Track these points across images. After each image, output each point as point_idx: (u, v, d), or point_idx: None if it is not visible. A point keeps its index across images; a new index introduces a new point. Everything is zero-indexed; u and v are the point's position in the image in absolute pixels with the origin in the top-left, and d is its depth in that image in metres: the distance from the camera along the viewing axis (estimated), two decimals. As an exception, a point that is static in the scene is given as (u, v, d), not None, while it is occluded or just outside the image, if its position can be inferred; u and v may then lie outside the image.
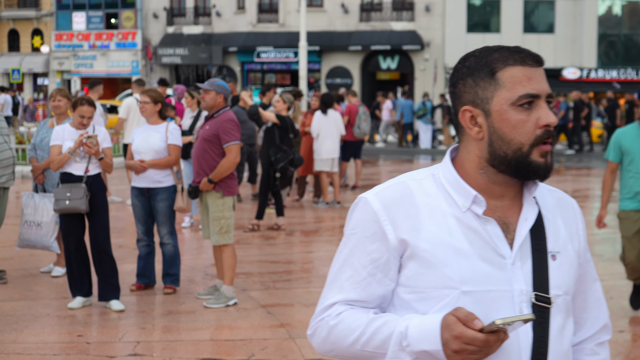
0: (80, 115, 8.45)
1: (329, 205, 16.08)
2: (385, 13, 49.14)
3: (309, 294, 9.07)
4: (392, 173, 23.98)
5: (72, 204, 8.26)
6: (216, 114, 8.71)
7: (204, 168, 8.55)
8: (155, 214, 8.99)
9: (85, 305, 8.43)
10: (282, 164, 13.14)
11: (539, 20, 49.05)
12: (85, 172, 8.43)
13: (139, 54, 53.80)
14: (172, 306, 8.53)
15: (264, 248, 11.91)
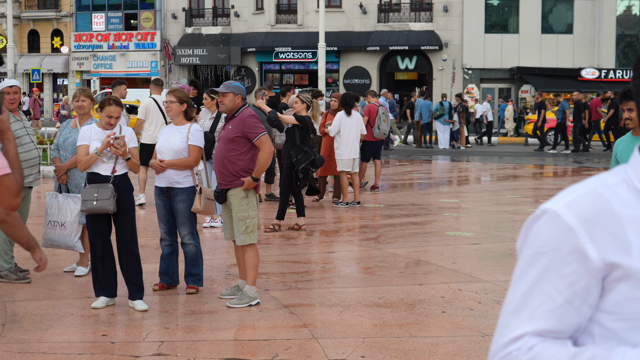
0: (108, 115, 8.51)
1: (348, 206, 16.10)
2: (403, 13, 49.11)
3: (331, 294, 9.09)
4: (411, 173, 23.98)
5: (99, 204, 8.31)
6: (236, 113, 8.75)
7: (229, 169, 8.58)
8: (175, 214, 9.03)
9: (109, 305, 8.49)
10: (303, 165, 13.18)
11: (557, 21, 48.90)
12: (112, 172, 8.48)
13: (158, 55, 53.97)
14: (195, 306, 8.57)
15: (284, 248, 11.95)
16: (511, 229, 13.92)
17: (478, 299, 8.91)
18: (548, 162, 28.38)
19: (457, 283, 9.65)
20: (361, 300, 8.83)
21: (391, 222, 14.45)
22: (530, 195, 18.40)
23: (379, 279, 9.91)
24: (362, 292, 9.25)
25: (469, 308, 8.52)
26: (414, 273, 10.27)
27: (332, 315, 8.21)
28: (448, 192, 19.37)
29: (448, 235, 13.02)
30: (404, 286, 9.51)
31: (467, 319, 8.09)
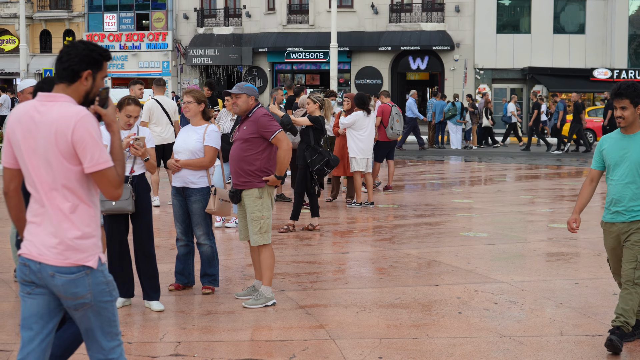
0: (127, 115, 8.52)
1: (362, 206, 16.08)
2: (415, 13, 49.08)
3: (347, 294, 9.08)
4: (423, 174, 23.95)
5: (118, 205, 8.32)
6: (250, 114, 8.75)
7: (245, 169, 8.57)
8: (191, 214, 9.03)
9: (125, 305, 8.50)
10: (318, 166, 13.18)
11: (569, 21, 48.81)
12: (130, 172, 8.49)
13: (170, 55, 54.05)
14: (211, 306, 8.57)
15: (299, 248, 11.94)
16: (525, 230, 13.88)
17: (494, 299, 8.89)
18: (562, 163, 28.30)
19: (473, 284, 9.63)
20: (377, 301, 8.82)
21: (405, 222, 14.43)
22: (544, 196, 18.35)
23: (394, 279, 9.89)
24: (377, 292, 9.24)
25: (486, 309, 8.50)
26: (429, 274, 10.25)
27: (349, 315, 8.20)
28: (461, 193, 19.34)
29: (462, 235, 12.99)
30: (420, 287, 9.49)
31: (484, 320, 8.07)
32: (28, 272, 4.55)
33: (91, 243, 4.55)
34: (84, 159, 4.45)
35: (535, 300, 8.87)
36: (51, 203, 4.51)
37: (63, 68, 4.54)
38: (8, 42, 59.52)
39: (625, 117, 7.17)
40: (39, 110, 4.52)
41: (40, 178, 4.51)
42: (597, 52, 48.11)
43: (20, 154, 4.57)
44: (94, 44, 4.63)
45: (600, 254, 11.58)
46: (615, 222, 7.44)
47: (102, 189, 4.53)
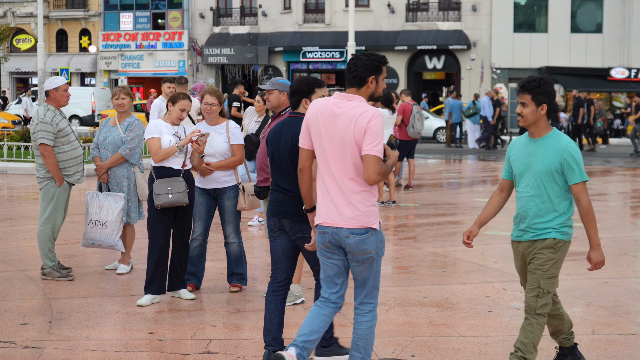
0: (181, 109, 8.58)
1: (384, 205, 16.04)
2: (431, 13, 49.00)
3: (374, 293, 9.03)
4: (442, 173, 23.89)
5: (175, 197, 8.43)
6: (283, 112, 8.69)
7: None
8: (222, 213, 9.01)
9: (154, 303, 8.48)
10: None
11: (587, 20, 48.60)
12: (182, 166, 8.55)
13: (186, 54, 54.10)
14: (239, 304, 8.53)
15: (324, 247, 11.90)
16: (550, 229, 13.81)
17: (523, 298, 8.81)
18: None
19: (501, 282, 9.57)
20: (406, 300, 8.76)
21: (428, 221, 14.37)
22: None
23: (421, 278, 9.85)
24: (405, 291, 9.18)
25: (516, 307, 8.44)
26: (456, 272, 10.20)
27: (379, 313, 8.12)
28: (482, 192, 19.26)
29: (486, 234, 12.93)
30: (448, 285, 9.44)
31: (515, 319, 8.01)
32: (327, 237, 5.73)
33: (374, 210, 5.67)
34: (366, 144, 5.47)
35: (565, 299, 8.80)
36: (342, 180, 5.59)
37: (352, 77, 5.70)
38: (24, 42, 59.69)
39: (524, 116, 6.13)
40: (338, 106, 5.66)
41: (334, 158, 5.62)
42: (615, 51, 47.91)
43: (319, 138, 5.71)
44: (374, 54, 5.72)
45: (627, 252, 11.53)
46: (520, 241, 6.62)
47: (365, 171, 5.47)
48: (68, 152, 9.42)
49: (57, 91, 9.48)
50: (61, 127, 9.35)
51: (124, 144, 9.66)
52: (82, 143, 11.47)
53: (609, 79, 46.85)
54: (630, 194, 19.23)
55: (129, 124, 9.77)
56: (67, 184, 9.51)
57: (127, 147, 9.67)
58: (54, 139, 9.28)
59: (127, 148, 9.67)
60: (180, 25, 54.91)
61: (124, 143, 9.66)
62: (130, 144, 9.69)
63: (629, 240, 12.76)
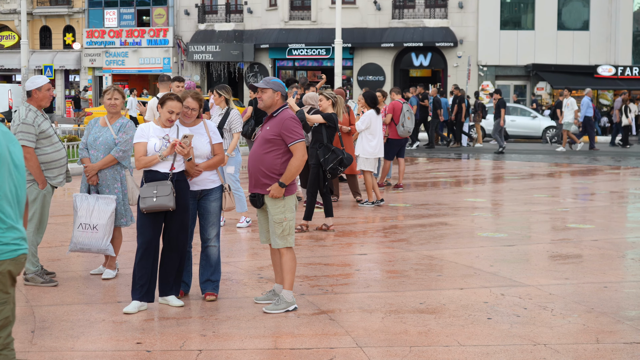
0: (169, 111, 8.23)
1: (374, 205, 15.76)
2: (418, 10, 48.78)
3: (370, 299, 8.75)
4: (431, 172, 23.63)
5: (159, 201, 8.07)
6: (275, 113, 8.40)
7: (264, 170, 8.21)
8: (206, 215, 8.66)
9: (141, 310, 8.16)
10: (331, 165, 12.85)
11: (573, 17, 48.48)
12: (170, 169, 8.21)
13: (171, 51, 53.75)
14: (230, 312, 8.22)
15: (315, 250, 11.60)
16: (545, 230, 13.56)
17: (523, 304, 8.56)
18: (568, 161, 27.98)
19: (499, 287, 9.30)
20: (402, 306, 8.48)
21: (420, 222, 14.09)
22: (558, 195, 18.03)
23: (417, 282, 9.56)
24: (401, 296, 8.89)
25: (515, 314, 8.17)
26: (452, 276, 9.91)
27: (374, 321, 7.86)
28: (473, 191, 19.01)
29: (481, 236, 12.67)
30: (444, 290, 9.17)
31: (515, 327, 7.74)
32: None
33: None
34: None
35: (566, 305, 8.54)
36: None
37: None
38: (8, 38, 59.16)
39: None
40: None
41: None
42: (601, 48, 47.80)
43: None
44: None
45: (625, 255, 11.29)
46: None
47: None
48: (50, 154, 9.08)
49: (40, 91, 9.14)
50: (43, 129, 9.01)
51: (117, 146, 9.34)
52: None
53: (596, 76, 46.69)
54: (620, 194, 19.01)
55: (121, 125, 9.45)
56: (50, 186, 9.18)
57: (120, 149, 9.36)
58: (36, 140, 8.94)
59: (120, 150, 9.36)
60: (165, 22, 54.54)
61: (116, 144, 9.35)
62: (123, 145, 9.38)
63: (625, 242, 12.51)
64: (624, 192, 19.26)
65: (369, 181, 15.76)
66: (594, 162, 27.40)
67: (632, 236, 13.10)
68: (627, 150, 33.49)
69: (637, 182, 21.56)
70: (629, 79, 46.66)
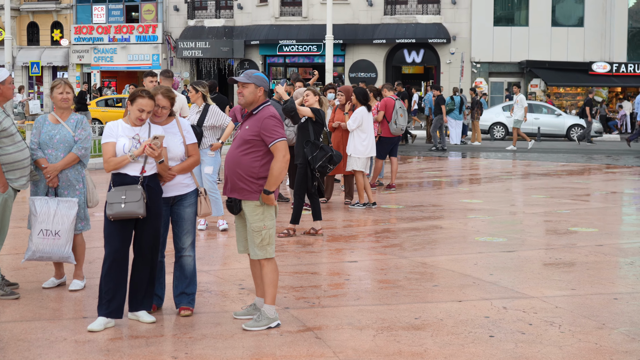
0: (140, 109, 7.45)
1: (365, 207, 15.02)
2: (410, 6, 48.13)
3: (360, 313, 7.98)
4: (424, 171, 22.90)
5: (128, 208, 7.29)
6: (255, 111, 7.62)
7: (241, 174, 7.43)
8: (180, 222, 7.87)
9: (108, 327, 7.39)
10: (320, 163, 12.08)
11: (568, 14, 47.88)
12: (141, 172, 7.44)
13: (160, 48, 53.00)
14: (206, 328, 7.44)
15: (302, 256, 10.84)
16: (545, 234, 12.82)
17: (527, 319, 7.81)
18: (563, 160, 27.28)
19: (500, 299, 8.56)
20: (395, 321, 7.71)
21: (414, 225, 13.34)
22: (556, 196, 17.26)
23: (411, 294, 8.81)
24: (394, 310, 8.13)
25: (520, 331, 7.42)
26: (450, 286, 9.15)
27: (365, 340, 7.10)
28: (469, 192, 18.26)
29: (478, 241, 11.93)
30: (441, 303, 8.41)
31: (521, 346, 6.99)
32: None
33: None
34: None
35: (574, 320, 7.80)
36: None
37: None
38: (-6, 34, 58.31)
39: None
40: None
41: None
42: (596, 45, 47.19)
43: None
44: None
45: (633, 262, 10.56)
46: None
47: None
48: (13, 154, 8.28)
49: (4, 85, 8.38)
50: (5, 126, 8.22)
51: (77, 143, 8.58)
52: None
53: (590, 73, 46.11)
54: (622, 194, 18.30)
55: (77, 121, 8.68)
56: (12, 189, 8.40)
57: (82, 147, 8.60)
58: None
59: (82, 147, 8.60)
60: (154, 18, 53.78)
61: (76, 142, 8.58)
62: (84, 143, 8.62)
63: (632, 247, 11.78)
64: (626, 192, 18.56)
65: (360, 182, 15.02)
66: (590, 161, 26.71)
67: (638, 240, 12.37)
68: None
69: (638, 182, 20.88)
70: (624, 76, 46.10)
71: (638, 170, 23.96)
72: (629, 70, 46.10)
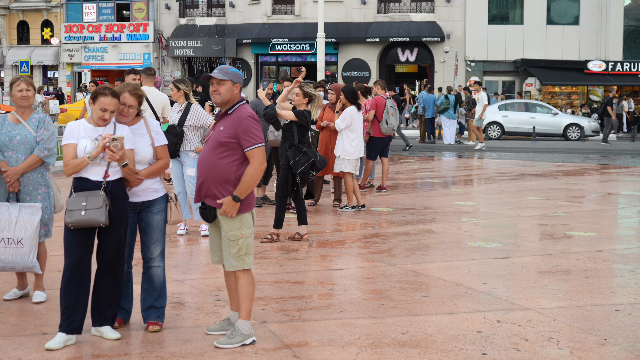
0: (102, 109, 6.85)
1: (355, 210, 14.45)
2: (404, 4, 47.61)
3: (342, 327, 7.40)
4: (417, 172, 22.35)
5: (88, 216, 6.69)
6: (231, 110, 7.02)
7: (216, 179, 6.84)
8: (148, 230, 7.26)
9: (67, 345, 6.79)
10: (302, 168, 11.49)
11: (563, 12, 47.36)
12: (104, 177, 6.85)
13: (151, 46, 52.43)
14: (175, 346, 6.85)
15: (284, 264, 10.24)
16: (542, 239, 12.25)
17: (523, 334, 7.24)
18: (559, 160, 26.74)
19: (494, 311, 7.98)
20: (381, 337, 7.13)
21: (404, 229, 12.77)
22: (553, 197, 16.69)
23: (399, 305, 8.23)
24: (380, 324, 7.54)
25: (515, 348, 6.84)
26: (440, 297, 8.58)
27: (346, 358, 6.53)
28: (462, 194, 17.68)
29: (471, 246, 11.36)
30: (431, 316, 7.84)
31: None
32: None
33: None
34: None
35: (574, 335, 7.23)
36: None
37: None
38: (-16, 34, 57.71)
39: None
40: None
41: None
42: (592, 44, 46.66)
43: None
44: None
45: (635, 269, 10.00)
46: None
47: None
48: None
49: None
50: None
51: (39, 144, 7.98)
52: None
53: (586, 72, 45.61)
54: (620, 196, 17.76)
55: (39, 121, 8.07)
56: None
57: (45, 148, 8.00)
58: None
59: (44, 149, 8.00)
60: (146, 16, 53.19)
61: (38, 143, 7.99)
62: (47, 143, 8.01)
63: (633, 253, 11.20)
64: (623, 194, 18.01)
65: (349, 184, 14.44)
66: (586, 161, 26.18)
67: (637, 245, 11.80)
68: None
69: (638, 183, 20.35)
70: (620, 75, 45.59)
71: (635, 170, 23.43)
72: (625, 69, 45.59)
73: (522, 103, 40.41)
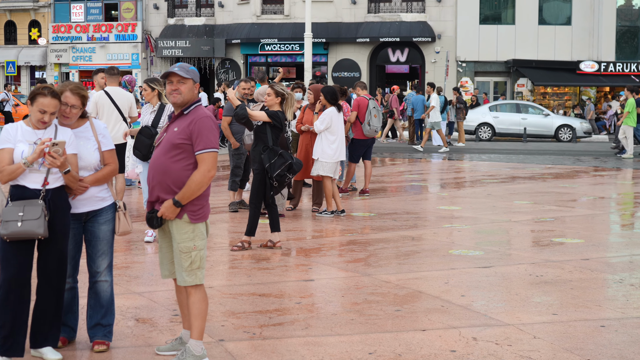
0: (41, 110, 6.29)
1: (334, 215, 13.92)
2: (394, 3, 47.13)
3: (306, 347, 6.84)
4: (404, 174, 21.81)
5: (25, 227, 6.14)
6: (187, 110, 6.47)
7: (169, 184, 6.29)
8: (94, 242, 6.70)
9: (4, 369, 6.25)
10: (278, 171, 10.93)
11: (555, 12, 46.91)
12: (43, 184, 6.29)
13: (139, 47, 51.90)
14: (120, 368, 6.33)
15: (253, 274, 9.68)
16: (527, 246, 11.71)
17: (500, 354, 6.70)
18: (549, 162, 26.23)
19: (470, 328, 7.44)
20: (345, 358, 6.57)
21: (384, 236, 12.23)
22: (541, 202, 16.14)
23: (369, 320, 7.68)
24: (346, 343, 6.99)
25: (490, 370, 6.31)
26: (414, 312, 8.03)
27: (305, 384, 5.99)
28: (447, 198, 17.14)
29: (452, 254, 10.81)
30: (401, 333, 7.28)
31: (490, 390, 5.89)
32: None
33: None
34: None
35: (554, 355, 6.69)
36: None
37: None
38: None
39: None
40: None
41: None
42: (584, 44, 46.22)
43: None
44: None
45: (623, 280, 9.47)
46: None
47: None
48: None
49: None
50: None
51: None
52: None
53: (578, 72, 45.17)
54: (609, 200, 17.24)
55: None
56: None
57: None
58: None
59: None
60: (134, 16, 52.63)
61: None
62: None
63: (621, 261, 10.66)
64: (613, 197, 17.50)
65: (328, 188, 13.90)
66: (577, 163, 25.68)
67: (627, 253, 11.23)
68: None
69: (635, 186, 19.83)
70: (612, 75, 45.15)
71: (626, 173, 22.93)
72: (617, 69, 45.16)
73: (513, 104, 39.94)
